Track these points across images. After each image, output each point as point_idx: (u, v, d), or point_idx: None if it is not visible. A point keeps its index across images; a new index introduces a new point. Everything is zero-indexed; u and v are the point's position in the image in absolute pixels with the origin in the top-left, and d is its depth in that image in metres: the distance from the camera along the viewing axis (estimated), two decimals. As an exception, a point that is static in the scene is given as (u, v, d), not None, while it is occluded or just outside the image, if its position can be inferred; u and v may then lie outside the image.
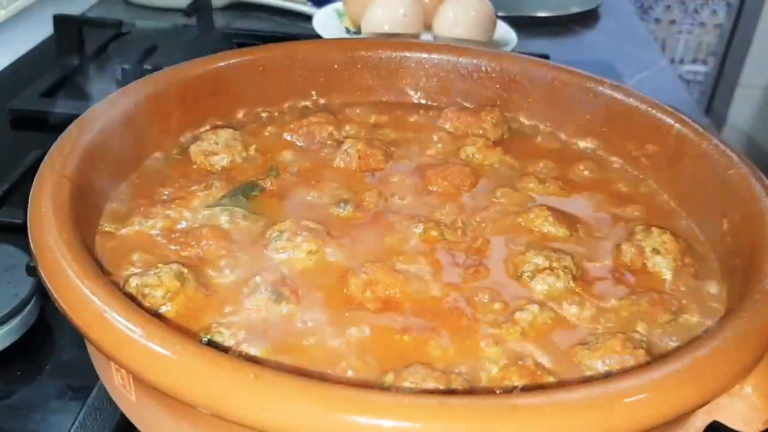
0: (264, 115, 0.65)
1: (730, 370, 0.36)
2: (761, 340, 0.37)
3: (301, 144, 0.61)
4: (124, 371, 0.38)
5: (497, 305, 0.45)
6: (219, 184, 0.54)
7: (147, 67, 0.90)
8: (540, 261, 0.47)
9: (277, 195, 0.54)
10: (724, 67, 2.09)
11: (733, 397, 0.37)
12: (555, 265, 0.47)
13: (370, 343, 0.42)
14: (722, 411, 0.38)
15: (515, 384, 0.39)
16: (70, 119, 0.52)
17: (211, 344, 0.40)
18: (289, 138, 0.61)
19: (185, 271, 0.44)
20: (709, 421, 0.39)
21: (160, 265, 0.44)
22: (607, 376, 0.40)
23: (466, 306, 0.45)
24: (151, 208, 0.51)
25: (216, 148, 0.58)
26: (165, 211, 0.51)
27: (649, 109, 0.60)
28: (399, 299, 0.45)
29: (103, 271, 0.41)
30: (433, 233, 0.50)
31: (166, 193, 0.53)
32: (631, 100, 0.61)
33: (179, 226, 0.50)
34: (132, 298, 0.42)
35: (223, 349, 0.40)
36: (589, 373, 0.41)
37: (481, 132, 0.64)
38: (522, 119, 0.68)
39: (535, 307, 0.44)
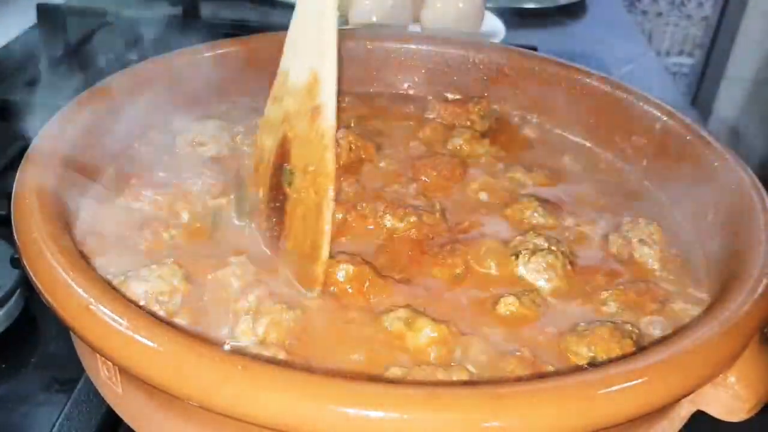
0: (252, 105, 0.65)
1: (715, 360, 0.36)
2: (746, 330, 0.38)
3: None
4: (110, 363, 0.38)
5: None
6: (209, 173, 0.53)
7: (132, 57, 0.89)
8: (541, 241, 0.48)
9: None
10: (710, 60, 2.10)
11: (717, 386, 0.38)
12: (554, 248, 0.48)
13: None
14: (707, 400, 0.39)
15: (518, 374, 0.39)
16: (54, 109, 0.51)
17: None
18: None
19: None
20: (693, 410, 0.39)
21: (154, 266, 0.43)
22: (594, 364, 0.40)
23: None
24: (137, 196, 0.51)
25: (202, 138, 0.58)
26: (154, 197, 0.50)
27: (636, 101, 0.60)
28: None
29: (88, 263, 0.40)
30: (423, 221, 0.51)
31: (153, 181, 0.53)
32: (617, 92, 0.62)
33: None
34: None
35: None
36: (575, 360, 0.41)
37: (468, 123, 0.64)
38: (509, 111, 0.68)
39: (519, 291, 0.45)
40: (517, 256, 0.48)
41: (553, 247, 0.48)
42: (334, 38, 0.43)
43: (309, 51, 0.44)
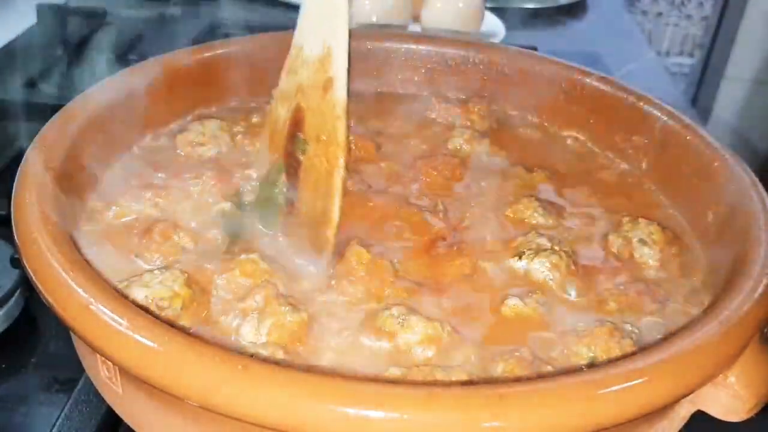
0: (252, 105, 0.65)
1: (715, 360, 0.36)
2: (746, 330, 0.38)
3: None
4: (110, 363, 0.38)
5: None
6: (210, 174, 0.53)
7: (132, 57, 0.89)
8: (543, 241, 0.48)
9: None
10: (710, 60, 2.10)
11: (717, 386, 0.38)
12: (557, 247, 0.48)
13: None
14: (706, 400, 0.39)
15: (518, 374, 0.39)
16: (54, 109, 0.51)
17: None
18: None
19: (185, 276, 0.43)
20: (693, 410, 0.39)
21: (156, 271, 0.43)
22: (593, 364, 0.40)
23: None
24: (137, 198, 0.51)
25: (202, 138, 0.58)
26: (155, 198, 0.50)
27: (636, 101, 0.60)
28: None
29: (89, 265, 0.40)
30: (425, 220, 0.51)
31: (154, 182, 0.53)
32: (618, 92, 0.62)
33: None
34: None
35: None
36: (575, 360, 0.41)
37: (468, 123, 0.64)
38: (509, 110, 0.68)
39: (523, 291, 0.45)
40: (520, 257, 0.48)
41: (555, 247, 0.48)
42: (346, 14, 0.45)
43: (323, 25, 0.46)
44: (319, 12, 0.47)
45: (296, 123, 0.48)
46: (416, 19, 1.04)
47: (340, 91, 0.45)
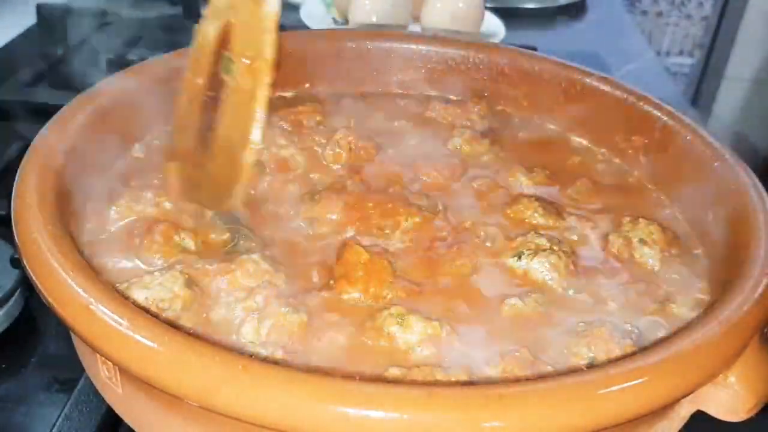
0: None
1: (715, 360, 0.36)
2: (746, 330, 0.38)
3: (289, 132, 0.61)
4: (110, 363, 0.38)
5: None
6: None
7: (132, 57, 0.89)
8: (543, 241, 0.48)
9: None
10: (710, 60, 2.10)
11: (717, 386, 0.38)
12: (556, 247, 0.48)
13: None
14: (707, 400, 0.39)
15: (518, 374, 0.39)
16: (54, 109, 0.51)
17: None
18: (277, 128, 0.61)
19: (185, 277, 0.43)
20: (693, 410, 0.39)
21: (156, 273, 0.43)
22: (593, 364, 0.40)
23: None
24: (137, 199, 0.51)
25: (203, 138, 0.57)
26: (155, 198, 0.50)
27: (636, 101, 0.60)
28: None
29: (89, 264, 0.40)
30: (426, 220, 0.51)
31: (154, 182, 0.53)
32: (618, 92, 0.62)
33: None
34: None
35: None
36: (575, 360, 0.41)
37: (468, 123, 0.64)
38: (509, 111, 0.68)
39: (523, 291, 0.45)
40: (519, 257, 0.48)
41: (555, 247, 0.48)
42: None
43: None
44: None
45: (224, 42, 0.45)
46: (416, 19, 1.04)
47: (272, 3, 0.42)
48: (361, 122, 0.64)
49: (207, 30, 0.47)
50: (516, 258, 0.48)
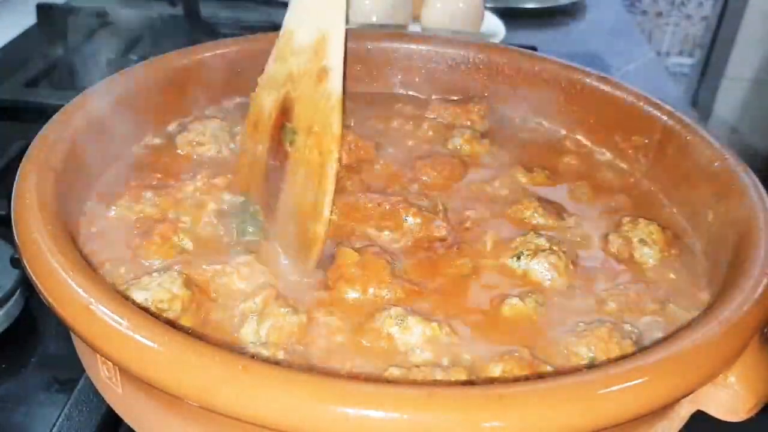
0: (251, 105, 0.65)
1: (715, 360, 0.36)
2: (746, 330, 0.38)
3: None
4: (110, 363, 0.38)
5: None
6: (205, 173, 0.53)
7: (132, 57, 0.89)
8: (542, 242, 0.48)
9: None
10: (710, 60, 2.11)
11: (717, 386, 0.38)
12: (555, 247, 0.48)
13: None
14: (707, 400, 0.39)
15: (517, 374, 0.39)
16: (54, 109, 0.51)
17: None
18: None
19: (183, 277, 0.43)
20: (693, 410, 0.39)
21: (155, 274, 0.43)
22: (593, 364, 0.40)
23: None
24: (137, 199, 0.51)
25: (203, 138, 0.58)
26: (155, 198, 0.50)
27: (636, 101, 0.60)
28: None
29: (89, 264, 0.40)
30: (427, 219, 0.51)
31: (154, 182, 0.53)
32: (618, 92, 0.62)
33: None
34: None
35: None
36: (575, 360, 0.41)
37: (468, 123, 0.64)
38: (509, 111, 0.68)
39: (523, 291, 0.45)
40: (519, 257, 0.48)
41: (554, 247, 0.48)
42: (343, 1, 0.44)
43: (317, 11, 0.45)
44: None
45: (284, 112, 0.46)
46: (416, 19, 1.04)
47: (335, 81, 0.43)
48: (361, 122, 0.64)
49: (264, 100, 0.49)
50: (515, 258, 0.48)
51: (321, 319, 0.43)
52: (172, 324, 0.40)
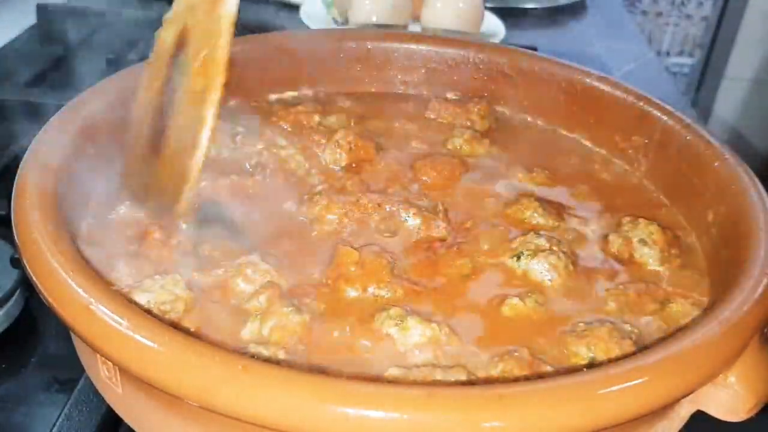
0: (252, 105, 0.65)
1: (715, 360, 0.36)
2: (746, 330, 0.38)
3: (289, 132, 0.61)
4: (110, 363, 0.38)
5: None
6: (205, 175, 0.53)
7: (132, 57, 0.89)
8: (542, 242, 0.48)
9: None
10: (710, 60, 2.10)
11: (717, 386, 0.38)
12: (555, 248, 0.48)
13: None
14: (707, 400, 0.39)
15: (517, 374, 0.39)
16: (54, 109, 0.51)
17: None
18: (277, 128, 0.61)
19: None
20: (693, 410, 0.39)
21: (157, 276, 0.43)
22: (593, 364, 0.40)
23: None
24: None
25: (203, 139, 0.57)
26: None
27: (636, 101, 0.60)
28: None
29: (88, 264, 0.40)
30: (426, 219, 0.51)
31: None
32: (618, 92, 0.62)
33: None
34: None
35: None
36: (575, 360, 0.41)
37: (468, 123, 0.64)
38: (509, 110, 0.68)
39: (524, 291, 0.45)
40: (519, 257, 0.48)
41: (554, 248, 0.48)
42: None
43: None
44: None
45: (181, 45, 0.44)
46: (416, 19, 1.04)
47: (229, 5, 0.41)
48: (361, 122, 0.64)
49: (166, 35, 0.46)
50: (515, 258, 0.48)
51: (322, 318, 0.43)
52: (174, 325, 0.40)
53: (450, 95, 0.68)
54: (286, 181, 0.55)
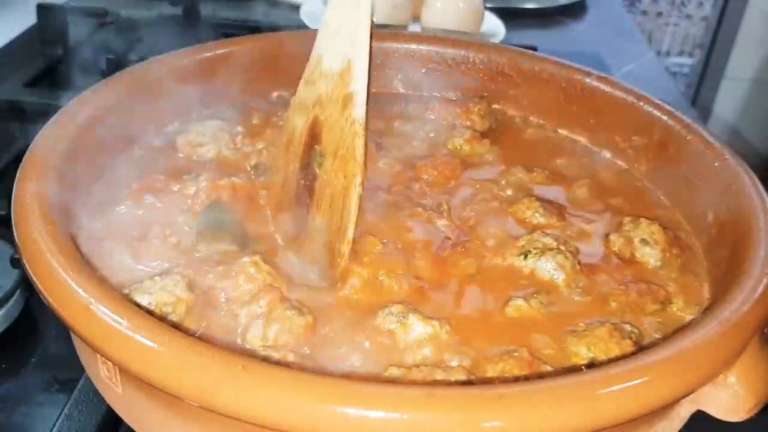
0: (252, 105, 0.65)
1: (715, 360, 0.36)
2: (746, 330, 0.38)
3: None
4: (110, 363, 0.38)
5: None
6: (206, 176, 0.53)
7: (132, 57, 0.89)
8: (549, 241, 0.48)
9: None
10: (710, 60, 2.10)
11: (717, 386, 0.38)
12: (562, 247, 0.48)
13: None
14: (707, 400, 0.39)
15: (517, 374, 0.39)
16: (54, 109, 0.51)
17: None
18: (277, 128, 0.61)
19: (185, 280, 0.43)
20: (693, 410, 0.39)
21: (157, 277, 0.43)
22: (593, 364, 0.40)
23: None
24: (138, 201, 0.50)
25: (203, 139, 0.58)
26: (155, 200, 0.50)
27: (636, 101, 0.60)
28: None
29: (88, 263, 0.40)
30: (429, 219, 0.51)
31: (155, 183, 0.53)
32: (618, 92, 0.62)
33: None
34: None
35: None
36: (575, 360, 0.41)
37: (468, 123, 0.64)
38: (509, 110, 0.68)
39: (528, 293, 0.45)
40: (526, 256, 0.48)
41: (561, 247, 0.48)
42: (368, 27, 0.44)
43: (343, 38, 0.46)
44: (340, 24, 0.46)
45: (313, 135, 0.48)
46: (416, 19, 1.04)
47: (359, 108, 0.44)
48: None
49: (295, 122, 0.50)
50: (522, 257, 0.48)
51: (324, 318, 0.43)
52: (176, 327, 0.40)
53: (450, 95, 0.68)
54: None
